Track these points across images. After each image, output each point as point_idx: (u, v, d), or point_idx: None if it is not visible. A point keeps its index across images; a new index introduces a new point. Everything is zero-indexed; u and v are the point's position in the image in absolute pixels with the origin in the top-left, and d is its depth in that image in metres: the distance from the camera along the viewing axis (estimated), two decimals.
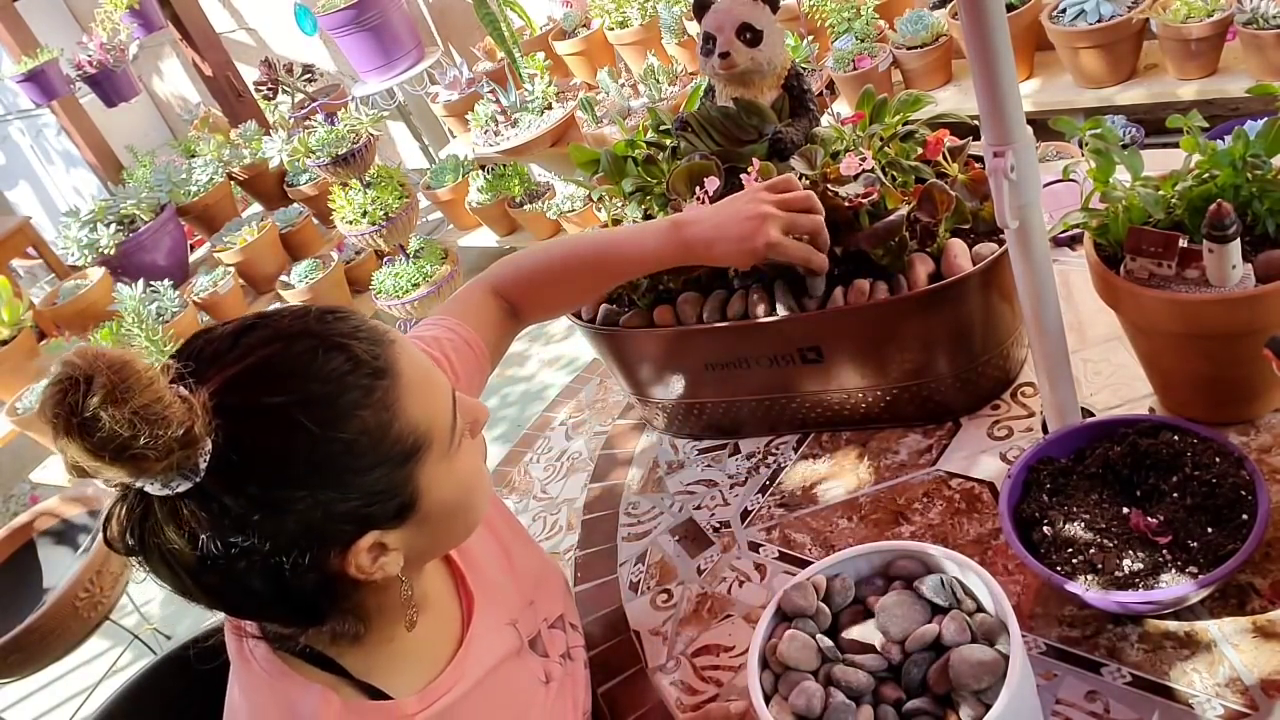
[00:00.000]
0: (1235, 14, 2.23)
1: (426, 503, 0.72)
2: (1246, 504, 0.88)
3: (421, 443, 0.70)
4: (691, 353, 1.30)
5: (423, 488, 0.71)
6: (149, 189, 3.81)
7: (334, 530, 0.67)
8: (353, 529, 0.68)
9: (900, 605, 0.87)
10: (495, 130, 3.27)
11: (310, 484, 0.65)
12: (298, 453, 0.65)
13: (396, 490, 0.69)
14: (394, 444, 0.68)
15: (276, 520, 0.65)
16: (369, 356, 0.68)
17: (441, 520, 0.75)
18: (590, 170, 1.36)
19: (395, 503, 0.70)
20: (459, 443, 0.74)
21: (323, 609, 0.72)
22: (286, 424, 0.64)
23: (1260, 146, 0.95)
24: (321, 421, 0.65)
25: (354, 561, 0.69)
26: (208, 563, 0.65)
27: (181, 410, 0.61)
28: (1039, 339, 1.03)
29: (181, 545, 0.64)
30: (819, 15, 2.92)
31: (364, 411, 0.66)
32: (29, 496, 3.65)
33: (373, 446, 0.67)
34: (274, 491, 0.65)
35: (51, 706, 2.92)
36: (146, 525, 0.65)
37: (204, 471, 0.62)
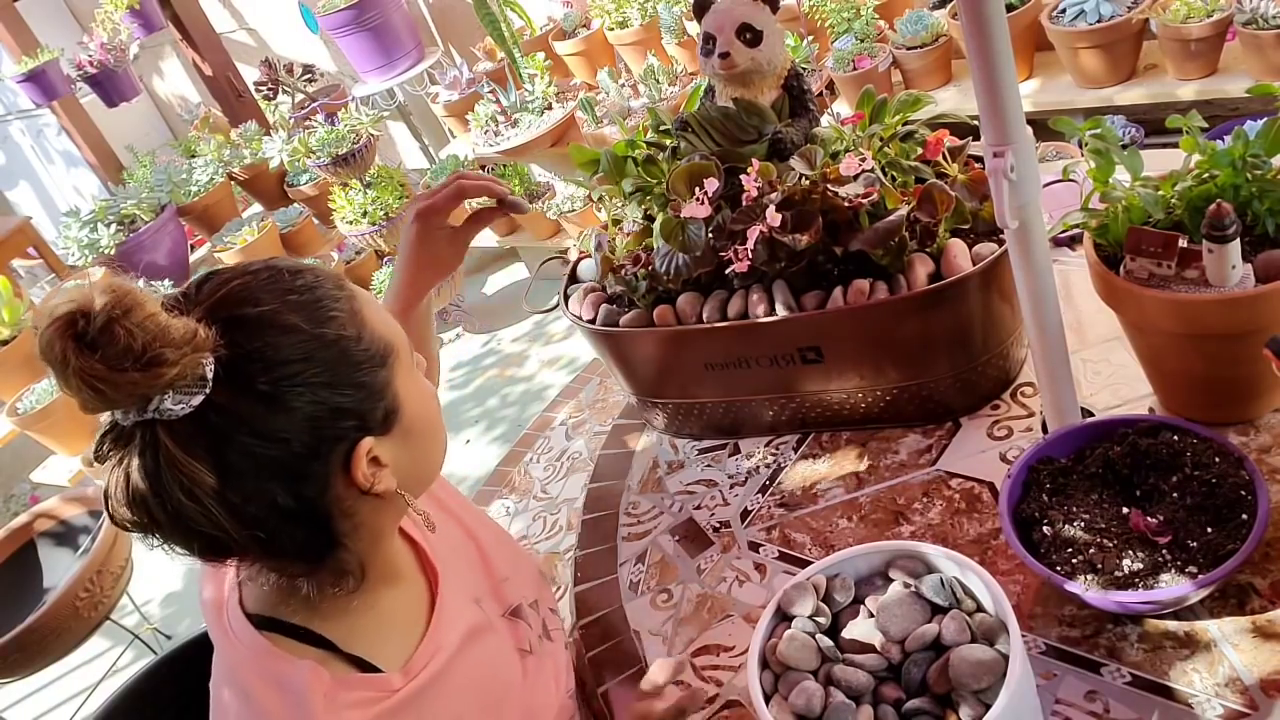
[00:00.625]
0: (1235, 14, 2.23)
1: (406, 413, 0.78)
2: (1246, 504, 0.88)
3: (389, 350, 0.77)
4: (691, 353, 1.30)
5: (400, 396, 0.77)
6: (149, 189, 3.81)
7: (337, 428, 0.72)
8: (353, 427, 0.73)
9: (900, 605, 0.87)
10: (495, 130, 3.27)
11: (309, 380, 0.70)
12: (293, 350, 0.70)
13: (381, 391, 0.75)
14: (369, 346, 0.75)
15: (286, 417, 0.69)
16: (326, 278, 0.76)
17: (419, 437, 0.80)
18: (590, 170, 1.36)
19: (382, 406, 0.75)
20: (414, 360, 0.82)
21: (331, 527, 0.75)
22: (278, 325, 0.70)
23: (1260, 146, 0.95)
24: (307, 320, 0.71)
25: (359, 466, 0.73)
26: (230, 480, 0.68)
27: (183, 323, 0.66)
28: (1039, 339, 1.03)
29: (201, 468, 0.67)
30: (819, 15, 2.92)
31: (339, 314, 0.73)
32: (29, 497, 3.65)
33: (353, 345, 0.73)
34: (279, 388, 0.69)
35: (51, 706, 2.92)
36: (162, 462, 0.67)
37: (210, 382, 0.66)
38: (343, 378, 0.72)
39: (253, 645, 0.78)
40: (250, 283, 0.72)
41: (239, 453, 0.68)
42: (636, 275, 1.30)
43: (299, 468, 0.71)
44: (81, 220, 3.66)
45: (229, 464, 0.68)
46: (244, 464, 0.69)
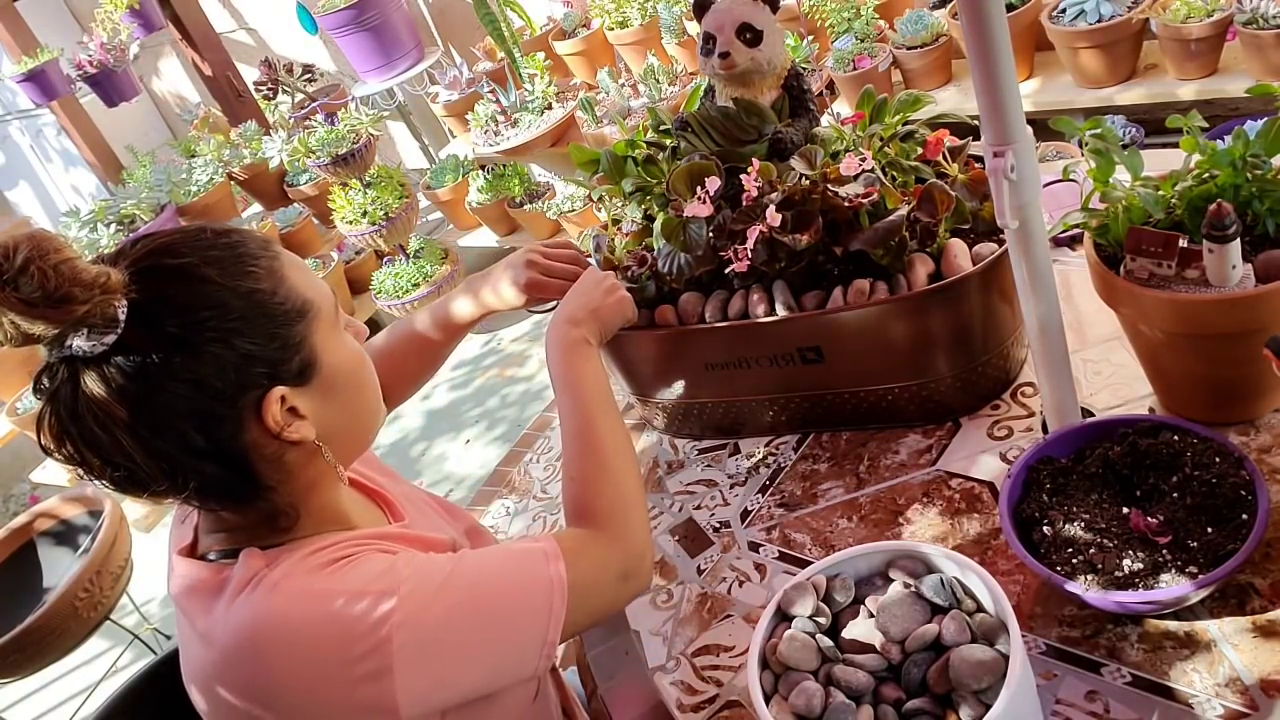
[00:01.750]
0: (1235, 14, 2.23)
1: (326, 368, 0.82)
2: (1246, 504, 0.88)
3: (309, 307, 0.81)
4: (691, 353, 1.30)
5: (319, 350, 0.81)
6: (149, 189, 3.81)
7: (247, 374, 0.77)
8: (264, 374, 0.78)
9: (900, 605, 0.87)
10: (495, 130, 3.27)
11: (218, 327, 0.75)
12: (204, 298, 0.75)
13: (295, 345, 0.80)
14: (284, 300, 0.79)
15: (195, 361, 0.74)
16: (252, 239, 0.81)
17: (344, 393, 0.85)
18: (590, 170, 1.36)
19: (297, 359, 0.80)
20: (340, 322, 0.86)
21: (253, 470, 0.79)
22: (192, 276, 0.75)
23: (1260, 146, 0.95)
24: (221, 274, 0.76)
25: (270, 412, 0.77)
26: (141, 417, 0.73)
27: (95, 270, 0.71)
28: (1039, 339, 1.03)
29: (113, 405, 0.73)
30: (819, 15, 2.92)
31: (255, 270, 0.78)
32: (29, 496, 3.65)
33: (268, 299, 0.78)
34: (188, 333, 0.74)
35: (51, 706, 2.92)
36: (79, 397, 0.73)
37: (124, 323, 0.72)
38: (255, 327, 0.77)
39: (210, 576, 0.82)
40: (174, 238, 0.78)
41: (151, 392, 0.73)
42: (639, 276, 1.30)
43: (209, 409, 0.75)
44: (81, 220, 3.66)
45: (141, 402, 0.73)
46: (156, 403, 0.74)
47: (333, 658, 0.75)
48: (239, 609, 0.77)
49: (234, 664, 0.77)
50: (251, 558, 0.80)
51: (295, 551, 0.81)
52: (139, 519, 3.12)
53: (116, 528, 2.33)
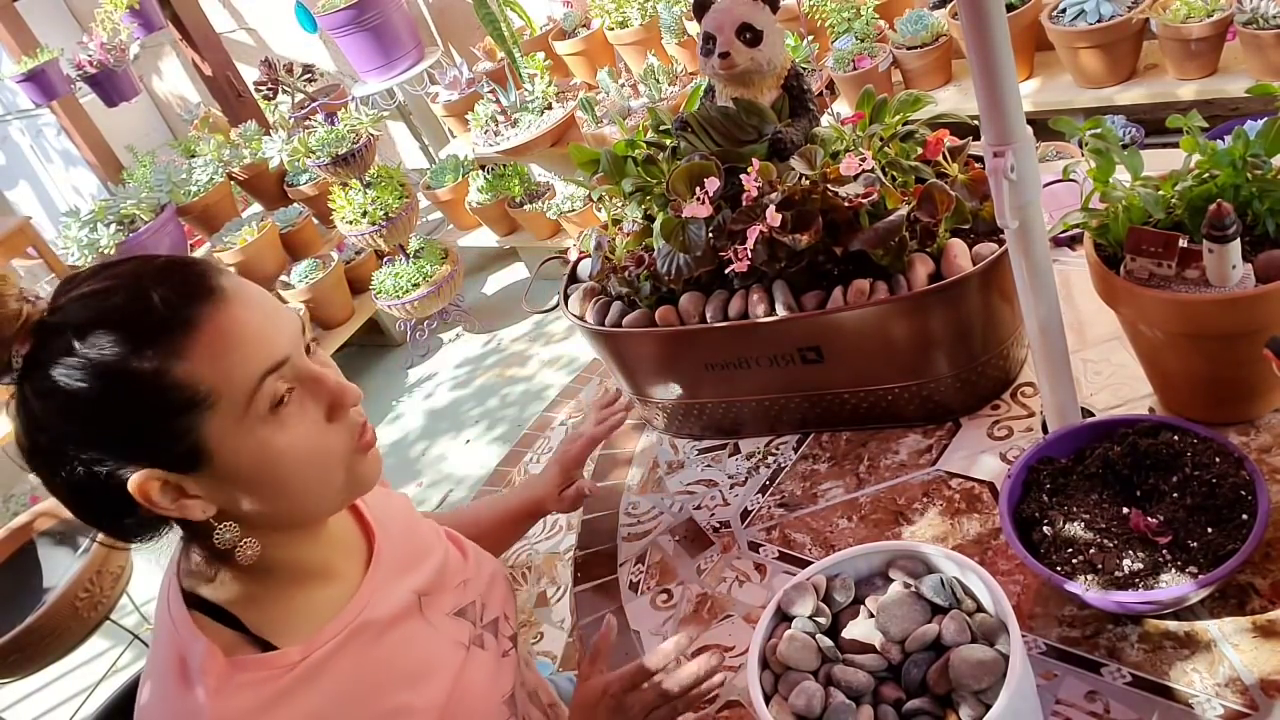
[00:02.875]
0: (1235, 14, 2.23)
1: (224, 461, 0.76)
2: (1246, 504, 0.88)
3: (203, 398, 0.74)
4: (691, 353, 1.30)
5: (213, 444, 0.75)
6: (149, 189, 3.81)
7: (118, 454, 0.75)
8: (137, 456, 0.75)
9: (900, 605, 0.87)
10: (495, 130, 3.27)
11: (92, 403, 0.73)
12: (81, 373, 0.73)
13: (176, 436, 0.74)
14: (170, 390, 0.73)
15: (67, 424, 0.74)
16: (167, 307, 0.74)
17: (254, 486, 0.78)
18: (590, 170, 1.36)
19: (179, 449, 0.75)
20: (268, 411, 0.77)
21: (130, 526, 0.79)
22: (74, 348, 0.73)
23: (1260, 146, 0.95)
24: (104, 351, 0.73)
25: (142, 489, 0.75)
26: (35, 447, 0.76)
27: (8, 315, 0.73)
28: (1039, 339, 1.03)
29: (19, 431, 0.77)
30: (819, 15, 2.92)
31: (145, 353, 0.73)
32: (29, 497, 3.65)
33: (147, 386, 0.73)
34: (66, 402, 0.73)
35: (51, 706, 2.92)
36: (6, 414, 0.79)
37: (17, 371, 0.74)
38: (128, 412, 0.73)
39: (178, 617, 0.83)
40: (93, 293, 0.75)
41: (38, 433, 0.75)
42: (639, 276, 1.30)
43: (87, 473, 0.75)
44: (81, 220, 3.66)
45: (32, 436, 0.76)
46: (42, 443, 0.75)
47: None
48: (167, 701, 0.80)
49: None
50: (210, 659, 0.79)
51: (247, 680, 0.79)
52: None
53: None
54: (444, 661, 0.91)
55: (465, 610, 0.97)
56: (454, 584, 0.99)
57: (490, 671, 0.96)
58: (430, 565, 0.98)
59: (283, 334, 0.79)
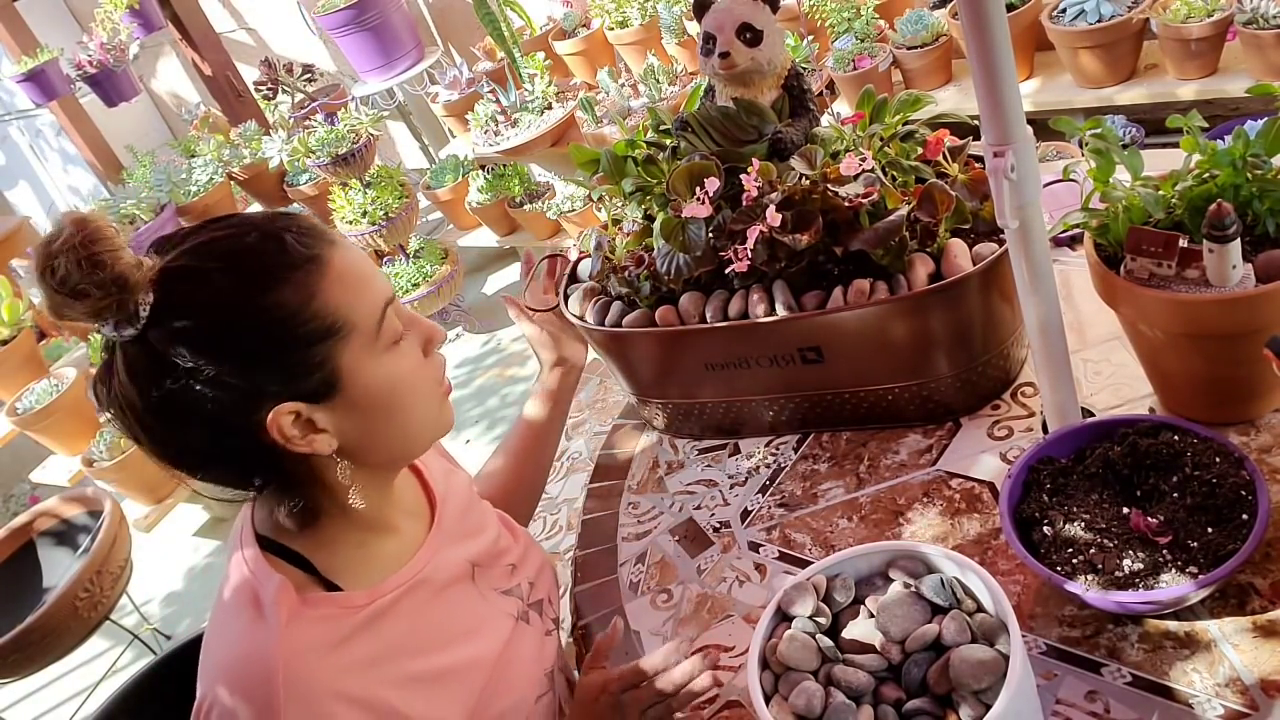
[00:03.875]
0: (1235, 14, 2.23)
1: (352, 388, 0.81)
2: (1246, 504, 0.88)
3: (339, 327, 0.80)
4: (691, 353, 1.30)
5: (345, 371, 0.81)
6: (149, 189, 3.81)
7: (256, 389, 0.78)
8: (275, 391, 0.78)
9: (900, 605, 0.87)
10: (495, 130, 3.27)
11: (232, 341, 0.77)
12: (222, 313, 0.76)
13: (315, 365, 0.79)
14: (311, 319, 0.78)
15: (206, 373, 0.76)
16: (300, 245, 0.79)
17: (374, 414, 0.84)
18: (590, 170, 1.36)
19: (316, 378, 0.80)
20: (392, 342, 0.84)
21: (256, 471, 0.82)
22: (212, 287, 0.76)
23: (1260, 146, 0.95)
24: (244, 288, 0.77)
25: (278, 425, 0.78)
26: (152, 408, 0.77)
27: (128, 263, 0.74)
28: (1039, 339, 1.03)
29: (131, 391, 0.77)
30: (819, 15, 2.92)
31: (285, 287, 0.77)
32: (29, 496, 3.65)
33: (290, 318, 0.78)
34: (202, 346, 0.76)
35: (51, 706, 2.92)
36: (110, 374, 0.78)
37: (144, 320, 0.75)
38: (271, 346, 0.77)
39: (251, 555, 0.86)
40: (213, 240, 0.79)
41: (163, 388, 0.76)
42: (639, 276, 1.30)
43: (219, 413, 0.77)
44: None
45: (154, 394, 0.76)
46: (167, 399, 0.77)
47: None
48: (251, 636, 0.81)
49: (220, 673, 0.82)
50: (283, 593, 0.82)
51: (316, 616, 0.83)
52: (139, 519, 3.12)
53: (116, 528, 2.33)
54: (493, 627, 0.97)
55: (512, 590, 1.02)
56: (504, 564, 1.03)
57: (535, 645, 1.01)
58: (484, 540, 1.03)
59: (383, 276, 0.87)
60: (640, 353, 1.34)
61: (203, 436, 0.79)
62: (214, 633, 0.86)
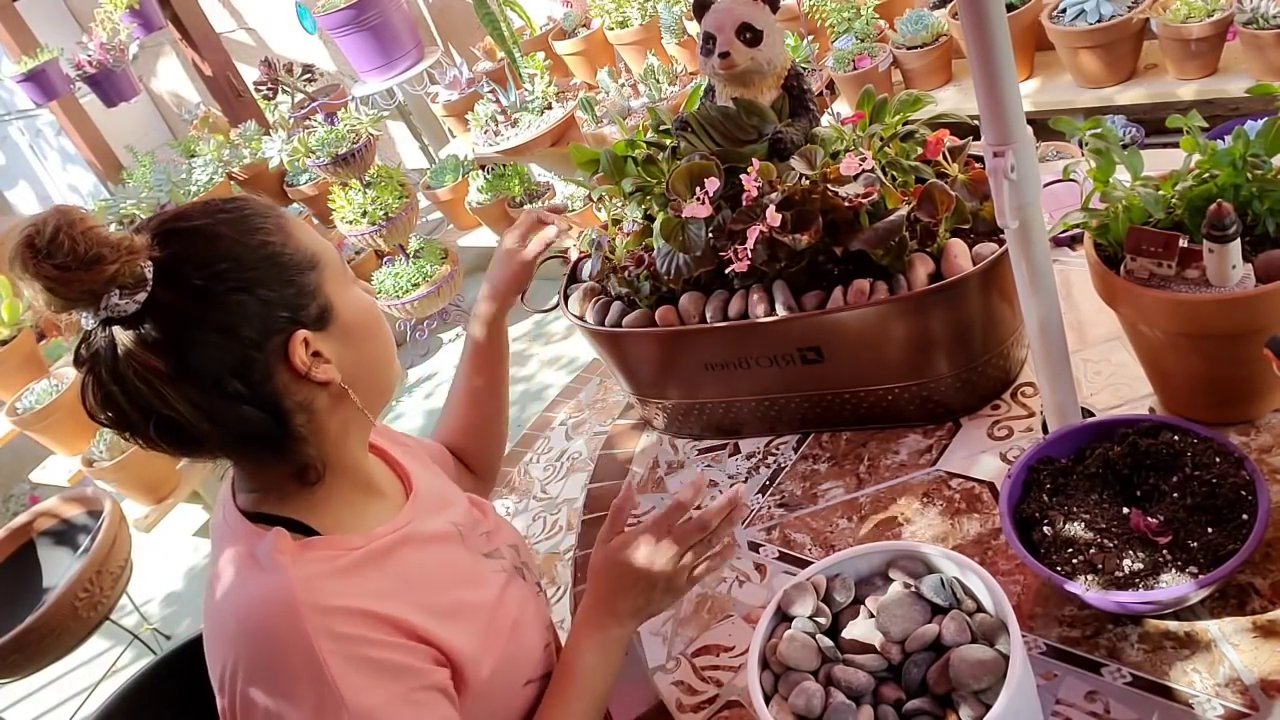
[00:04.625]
0: (1235, 14, 2.23)
1: (341, 314, 0.88)
2: (1246, 504, 0.88)
3: (317, 259, 0.87)
4: (691, 353, 1.30)
5: (332, 299, 0.87)
6: (149, 189, 3.81)
7: (270, 319, 0.82)
8: (286, 319, 0.83)
9: (900, 605, 0.87)
10: (495, 130, 3.27)
11: (238, 276, 0.81)
12: (221, 253, 0.81)
13: (311, 291, 0.85)
14: (295, 252, 0.85)
15: (220, 310, 0.80)
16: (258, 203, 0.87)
17: (360, 340, 0.90)
18: (590, 170, 1.36)
19: (314, 305, 0.85)
20: (351, 278, 0.91)
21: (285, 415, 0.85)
22: (208, 234, 0.82)
23: (1260, 146, 0.95)
24: (234, 230, 0.83)
25: (297, 352, 0.83)
26: (178, 367, 0.79)
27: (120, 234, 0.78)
28: (1039, 339, 1.03)
29: (151, 358, 0.78)
30: (819, 15, 2.92)
31: (264, 230, 0.84)
32: (29, 496, 3.65)
33: (280, 252, 0.84)
34: (211, 284, 0.80)
35: (51, 706, 2.92)
36: (120, 355, 0.79)
37: (151, 281, 0.78)
38: (271, 275, 0.83)
39: (238, 526, 0.88)
40: (185, 208, 0.85)
41: (184, 343, 0.79)
42: (639, 276, 1.30)
43: (240, 355, 0.81)
44: None
45: (177, 353, 0.79)
46: (190, 353, 0.79)
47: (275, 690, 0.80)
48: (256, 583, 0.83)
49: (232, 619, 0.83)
50: (281, 539, 0.84)
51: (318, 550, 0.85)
52: (139, 519, 3.11)
53: (116, 528, 2.33)
54: (489, 580, 0.98)
55: (493, 554, 1.03)
56: (480, 532, 1.04)
57: (530, 597, 1.02)
58: (459, 510, 1.05)
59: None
60: (640, 353, 1.34)
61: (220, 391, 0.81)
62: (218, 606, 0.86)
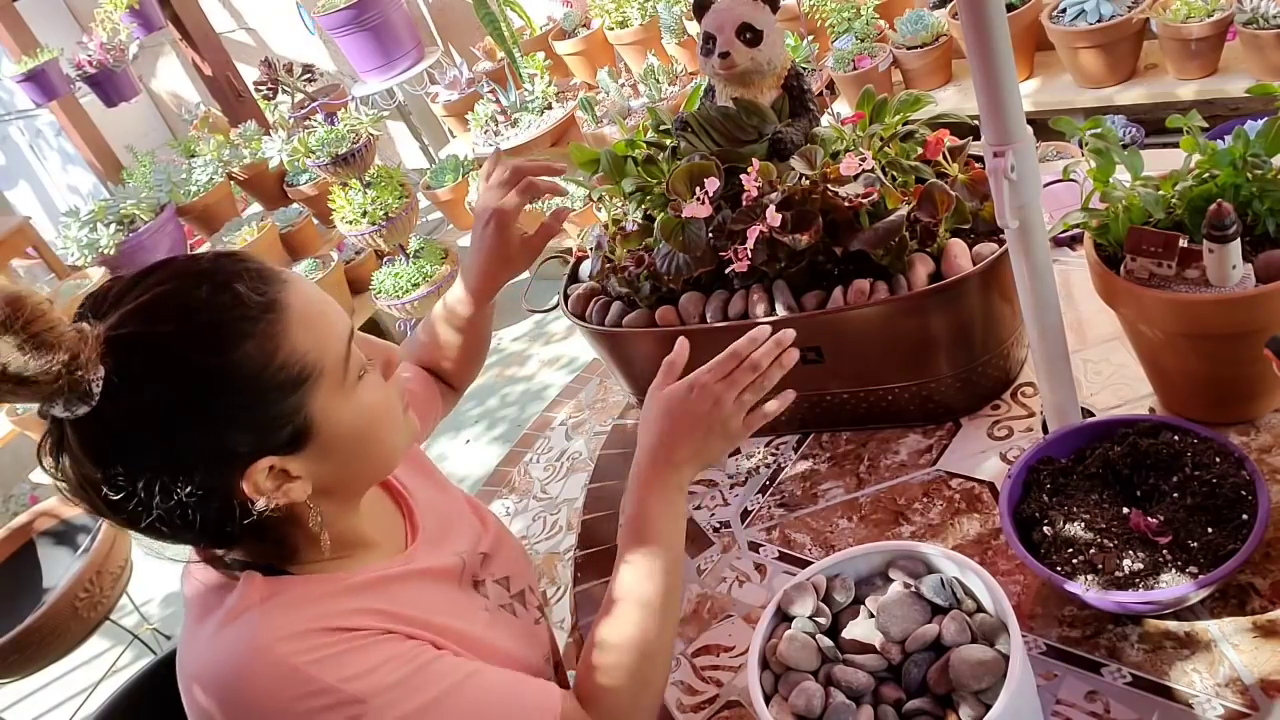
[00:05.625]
0: (1235, 14, 2.23)
1: (325, 432, 0.77)
2: (1246, 504, 0.88)
3: (309, 372, 0.75)
4: (691, 353, 1.29)
5: (317, 417, 0.76)
6: (149, 189, 3.81)
7: (229, 454, 0.73)
8: (247, 452, 0.74)
9: (900, 605, 0.87)
10: (495, 130, 3.27)
11: (199, 409, 0.71)
12: (184, 380, 0.71)
13: (287, 417, 0.75)
14: (279, 371, 0.74)
15: (170, 443, 0.71)
16: (255, 293, 0.74)
17: (348, 451, 0.80)
18: (590, 170, 1.36)
19: (288, 430, 0.75)
20: (357, 377, 0.80)
21: (231, 532, 0.77)
22: (171, 354, 0.71)
23: (1260, 146, 0.95)
24: (205, 350, 0.71)
25: (253, 482, 0.74)
26: (115, 483, 0.71)
27: (73, 339, 0.67)
28: (1039, 339, 1.03)
29: (90, 467, 0.71)
30: (819, 15, 2.93)
31: (247, 342, 0.72)
32: (29, 496, 3.64)
33: (257, 374, 0.73)
34: (164, 416, 0.70)
35: (51, 706, 2.92)
36: (62, 449, 0.72)
37: (97, 397, 0.68)
38: (238, 405, 0.72)
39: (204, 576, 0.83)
40: (162, 296, 0.72)
41: (127, 460, 0.71)
42: (639, 276, 1.30)
43: (189, 477, 0.72)
44: (81, 220, 3.66)
45: (117, 467, 0.71)
46: (132, 468, 0.71)
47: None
48: (223, 639, 0.77)
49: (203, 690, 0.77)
50: (250, 585, 0.79)
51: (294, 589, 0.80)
52: None
53: (116, 528, 2.32)
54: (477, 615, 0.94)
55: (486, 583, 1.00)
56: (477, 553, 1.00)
57: (524, 632, 0.99)
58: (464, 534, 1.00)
59: (339, 307, 0.82)
60: (640, 353, 1.34)
61: (170, 507, 0.73)
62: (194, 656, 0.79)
